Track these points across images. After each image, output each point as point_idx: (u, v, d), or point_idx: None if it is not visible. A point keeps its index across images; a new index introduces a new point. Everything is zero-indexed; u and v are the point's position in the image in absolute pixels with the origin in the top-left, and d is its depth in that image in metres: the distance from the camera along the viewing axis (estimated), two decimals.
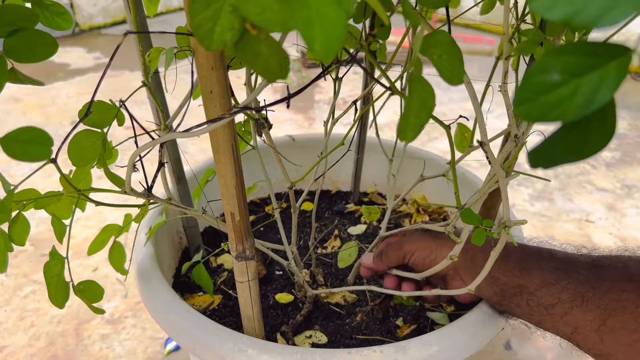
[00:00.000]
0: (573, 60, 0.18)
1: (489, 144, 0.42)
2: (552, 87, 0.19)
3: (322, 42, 0.17)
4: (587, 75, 0.18)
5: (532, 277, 0.41)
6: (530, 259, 0.42)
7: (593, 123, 0.20)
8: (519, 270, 0.42)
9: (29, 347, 0.98)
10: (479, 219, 0.50)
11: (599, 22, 0.15)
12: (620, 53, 0.18)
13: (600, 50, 0.18)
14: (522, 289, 0.41)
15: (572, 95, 0.18)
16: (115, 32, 3.11)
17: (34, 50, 0.32)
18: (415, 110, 0.28)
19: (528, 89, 0.19)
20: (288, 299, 0.64)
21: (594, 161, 1.69)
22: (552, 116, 0.19)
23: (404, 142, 0.28)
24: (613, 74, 0.18)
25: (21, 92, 2.12)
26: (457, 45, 0.30)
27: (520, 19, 0.46)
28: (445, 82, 0.30)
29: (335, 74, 0.53)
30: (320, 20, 0.17)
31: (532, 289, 0.40)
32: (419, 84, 0.28)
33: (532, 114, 0.19)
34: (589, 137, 0.20)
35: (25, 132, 0.27)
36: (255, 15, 0.19)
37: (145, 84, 0.42)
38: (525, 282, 0.41)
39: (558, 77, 0.18)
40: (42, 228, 1.28)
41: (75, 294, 0.42)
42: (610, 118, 0.20)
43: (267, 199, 0.88)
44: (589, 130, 0.20)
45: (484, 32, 2.95)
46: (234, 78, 0.37)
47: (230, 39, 0.22)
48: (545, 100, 0.19)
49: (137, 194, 0.43)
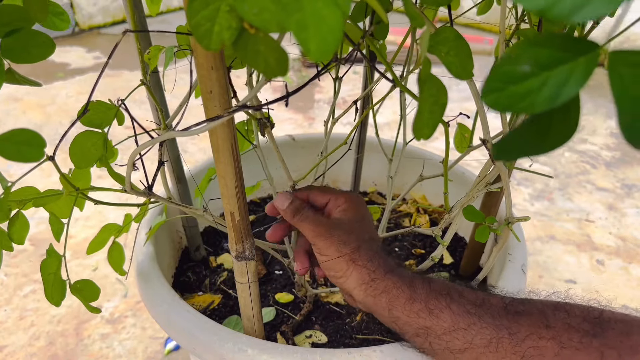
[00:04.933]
0: (544, 52, 0.18)
1: (492, 141, 0.42)
2: (522, 78, 0.18)
3: (317, 44, 0.17)
4: (557, 68, 0.18)
5: (441, 320, 0.38)
6: (439, 301, 0.39)
7: (556, 117, 0.20)
8: (427, 312, 0.39)
9: (29, 346, 0.98)
10: (482, 216, 0.50)
11: (572, 16, 0.16)
12: (590, 49, 0.18)
13: (571, 44, 0.18)
14: (428, 331, 0.39)
15: (540, 87, 0.18)
16: (115, 32, 3.11)
17: (31, 51, 0.32)
18: (428, 107, 0.28)
19: (497, 78, 0.19)
20: (288, 298, 0.64)
21: (594, 161, 1.69)
22: (520, 107, 0.18)
23: (421, 139, 0.29)
24: (581, 69, 0.18)
25: (21, 91, 2.12)
26: (464, 40, 0.30)
27: (520, 18, 0.46)
28: (455, 77, 0.30)
29: (335, 74, 0.53)
30: (315, 22, 0.17)
31: (439, 332, 0.38)
32: (430, 81, 0.28)
33: (500, 103, 0.19)
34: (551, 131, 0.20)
35: (19, 133, 0.27)
36: (252, 16, 0.19)
37: (143, 82, 0.42)
38: (433, 324, 0.38)
39: (528, 68, 0.18)
40: (42, 227, 1.28)
41: (72, 293, 0.42)
42: (574, 113, 0.20)
43: (267, 199, 0.88)
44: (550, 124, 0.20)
45: (483, 32, 2.95)
46: (233, 77, 0.37)
47: (229, 38, 0.22)
48: (514, 90, 0.19)
49: (138, 192, 0.43)
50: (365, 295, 0.42)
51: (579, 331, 0.34)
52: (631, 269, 1.20)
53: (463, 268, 0.69)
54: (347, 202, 0.45)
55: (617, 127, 0.17)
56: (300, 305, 0.63)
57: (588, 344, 0.33)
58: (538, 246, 1.28)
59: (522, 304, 0.38)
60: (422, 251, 0.74)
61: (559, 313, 0.36)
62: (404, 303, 0.40)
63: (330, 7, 0.17)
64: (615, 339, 0.33)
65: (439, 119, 0.29)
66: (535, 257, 1.24)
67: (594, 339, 0.33)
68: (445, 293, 0.39)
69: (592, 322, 0.34)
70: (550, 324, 0.35)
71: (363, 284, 0.42)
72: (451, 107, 0.29)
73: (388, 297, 0.40)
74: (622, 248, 1.27)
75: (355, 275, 0.42)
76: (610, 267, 1.21)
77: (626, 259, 1.24)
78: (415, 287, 0.40)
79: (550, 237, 1.31)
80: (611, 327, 0.34)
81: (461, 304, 0.38)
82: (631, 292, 1.13)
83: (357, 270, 0.42)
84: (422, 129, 0.28)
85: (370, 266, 0.42)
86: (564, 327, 0.35)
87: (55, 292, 0.41)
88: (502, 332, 0.36)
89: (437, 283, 0.41)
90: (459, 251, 0.73)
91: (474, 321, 0.37)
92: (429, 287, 0.40)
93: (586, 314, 0.35)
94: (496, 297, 0.39)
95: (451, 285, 0.41)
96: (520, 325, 0.36)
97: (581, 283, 1.16)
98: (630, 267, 1.21)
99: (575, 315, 0.35)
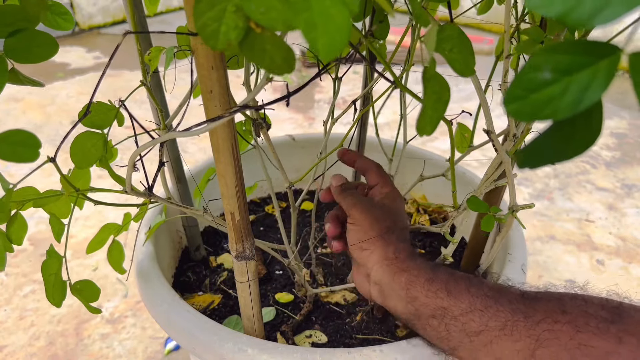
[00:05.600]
0: (564, 58, 0.18)
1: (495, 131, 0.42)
2: (543, 85, 0.18)
3: (325, 43, 0.17)
4: (578, 73, 0.18)
5: (459, 301, 0.39)
6: (458, 283, 0.40)
7: (579, 122, 0.20)
8: (446, 292, 0.39)
9: (29, 346, 0.98)
10: (486, 206, 0.51)
11: (592, 20, 0.15)
12: (610, 52, 0.18)
13: (591, 49, 0.18)
14: (445, 312, 0.39)
15: (562, 94, 0.18)
16: (115, 32, 3.11)
17: (34, 51, 0.32)
18: (431, 104, 0.28)
19: (519, 86, 0.19)
20: (288, 298, 0.64)
21: (593, 161, 1.69)
22: (543, 114, 0.18)
23: (424, 135, 0.29)
24: (603, 73, 0.18)
25: (21, 91, 2.12)
26: (467, 37, 0.31)
27: (520, 18, 0.46)
28: (458, 74, 0.30)
29: (335, 74, 0.53)
30: (323, 21, 0.17)
31: (456, 313, 0.38)
32: (434, 79, 0.28)
33: (522, 112, 0.19)
34: (575, 137, 0.20)
35: (15, 134, 0.28)
36: (259, 15, 0.19)
37: (143, 83, 0.42)
38: (450, 305, 0.39)
39: (549, 75, 0.18)
40: (41, 227, 1.28)
41: (72, 293, 0.42)
42: (596, 117, 0.20)
43: (267, 199, 0.88)
44: (574, 130, 0.20)
45: (483, 32, 2.95)
46: (233, 77, 0.37)
47: (235, 38, 0.22)
48: (536, 98, 0.18)
49: (138, 193, 0.43)
50: (384, 272, 0.43)
51: (596, 317, 0.34)
52: (631, 269, 1.20)
53: (463, 268, 0.69)
54: (392, 192, 0.49)
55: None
56: (300, 305, 0.63)
57: (605, 330, 0.33)
58: (538, 246, 1.28)
59: (541, 292, 0.38)
60: (422, 251, 0.74)
61: (577, 301, 0.36)
62: (423, 282, 0.41)
63: (337, 5, 0.17)
64: (635, 326, 0.33)
65: (441, 115, 0.29)
66: (535, 257, 1.24)
67: (612, 325, 0.33)
68: (465, 277, 0.41)
69: (610, 310, 0.34)
70: (567, 309, 0.35)
71: (386, 259, 0.43)
72: (451, 107, 0.29)
73: (408, 276, 0.41)
74: (622, 248, 1.27)
75: (380, 250, 0.44)
76: (610, 267, 1.21)
77: (626, 259, 1.24)
78: (437, 270, 0.41)
79: (550, 237, 1.31)
80: (630, 315, 0.34)
81: (480, 288, 0.39)
82: (631, 292, 1.13)
83: (383, 245, 0.44)
84: (425, 126, 0.29)
85: (397, 246, 0.44)
86: (581, 313, 0.34)
87: (56, 293, 0.41)
88: (517, 316, 0.36)
89: (459, 272, 0.42)
90: (459, 251, 0.73)
91: (490, 304, 0.38)
92: (450, 272, 0.41)
93: (604, 302, 0.35)
94: (515, 287, 0.40)
95: (472, 275, 0.42)
96: (536, 310, 0.36)
97: (581, 283, 1.16)
98: (630, 267, 1.21)
99: (593, 303, 0.35)
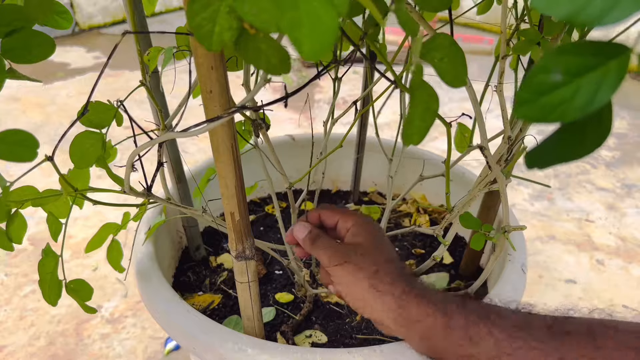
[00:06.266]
0: (574, 59, 0.18)
1: (489, 148, 0.42)
2: (553, 88, 0.18)
3: (311, 44, 0.17)
4: (588, 75, 0.18)
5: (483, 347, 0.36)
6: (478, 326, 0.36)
7: (589, 123, 0.20)
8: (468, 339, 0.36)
9: (29, 346, 0.98)
10: (478, 223, 0.50)
11: (601, 20, 0.15)
12: (620, 52, 0.18)
13: (600, 49, 0.18)
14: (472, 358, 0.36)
15: (573, 96, 0.18)
16: (115, 32, 3.11)
17: (32, 51, 0.32)
18: (419, 114, 0.27)
19: (529, 90, 0.18)
20: (288, 298, 0.64)
21: (593, 161, 1.69)
22: (552, 117, 0.18)
23: (411, 145, 0.28)
24: (613, 73, 0.18)
25: (21, 91, 2.12)
26: (459, 48, 0.30)
27: (519, 18, 0.46)
28: (448, 85, 0.29)
29: (335, 74, 0.53)
30: (310, 21, 0.17)
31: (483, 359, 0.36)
32: (421, 88, 0.27)
33: (532, 115, 0.19)
34: (585, 138, 0.20)
35: (13, 134, 0.28)
36: (251, 16, 0.19)
37: (143, 83, 0.42)
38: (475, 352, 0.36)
39: (559, 77, 0.18)
40: (41, 227, 1.28)
41: (67, 293, 0.42)
42: (606, 118, 0.19)
43: (267, 199, 0.88)
44: (584, 131, 0.20)
45: (483, 32, 2.94)
46: (232, 78, 0.37)
47: (229, 39, 0.22)
48: (546, 101, 0.18)
49: (137, 193, 0.43)
50: (396, 325, 0.40)
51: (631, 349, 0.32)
52: (631, 269, 1.20)
53: (463, 268, 0.69)
54: (355, 226, 0.44)
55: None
56: (300, 305, 0.63)
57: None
58: (538, 246, 1.28)
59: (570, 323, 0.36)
60: (422, 251, 0.74)
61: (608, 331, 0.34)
62: (441, 332, 0.38)
63: (326, 6, 0.17)
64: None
65: (430, 125, 0.28)
66: (535, 257, 1.24)
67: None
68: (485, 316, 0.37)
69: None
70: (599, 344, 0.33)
71: (391, 311, 0.39)
72: (451, 107, 0.29)
73: (422, 327, 0.38)
74: (622, 248, 1.27)
75: (379, 304, 0.40)
76: (610, 267, 1.21)
77: (626, 259, 1.24)
78: (451, 313, 0.38)
79: (550, 237, 1.31)
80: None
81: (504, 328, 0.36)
82: (631, 292, 1.13)
83: (379, 297, 0.40)
84: (413, 136, 0.28)
85: (394, 291, 0.39)
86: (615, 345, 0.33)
87: (52, 292, 0.41)
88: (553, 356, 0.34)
89: (471, 305, 0.39)
90: (458, 251, 0.73)
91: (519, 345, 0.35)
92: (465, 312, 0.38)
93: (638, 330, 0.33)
94: (537, 317, 0.37)
95: (485, 305, 0.39)
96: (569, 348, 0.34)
97: (581, 283, 1.16)
98: (630, 267, 1.21)
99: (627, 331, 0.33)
